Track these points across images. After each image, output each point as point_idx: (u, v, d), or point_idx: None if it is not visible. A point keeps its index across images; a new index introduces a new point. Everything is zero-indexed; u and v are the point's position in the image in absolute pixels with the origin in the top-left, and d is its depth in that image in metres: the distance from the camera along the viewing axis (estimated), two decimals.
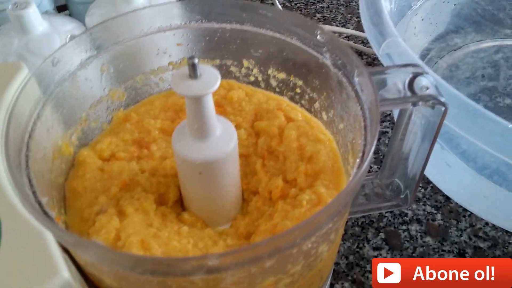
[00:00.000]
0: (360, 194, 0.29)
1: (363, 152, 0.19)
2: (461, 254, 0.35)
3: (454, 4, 0.49)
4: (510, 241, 0.35)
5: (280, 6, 0.56)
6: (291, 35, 0.26)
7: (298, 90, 0.29)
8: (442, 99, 0.22)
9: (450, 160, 0.34)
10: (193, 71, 0.19)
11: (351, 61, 0.23)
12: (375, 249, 0.35)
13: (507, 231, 0.35)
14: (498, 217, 0.35)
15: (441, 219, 0.37)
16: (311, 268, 0.20)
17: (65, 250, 0.18)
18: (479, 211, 0.36)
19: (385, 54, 0.29)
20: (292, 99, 0.29)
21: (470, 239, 0.36)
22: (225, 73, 0.30)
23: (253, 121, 0.28)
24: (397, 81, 0.23)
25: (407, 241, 0.36)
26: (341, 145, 0.26)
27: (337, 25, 0.56)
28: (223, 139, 0.21)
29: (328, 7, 0.60)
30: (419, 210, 0.38)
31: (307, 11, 0.59)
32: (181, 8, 0.27)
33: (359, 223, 0.37)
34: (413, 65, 0.24)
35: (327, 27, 0.55)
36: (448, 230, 0.36)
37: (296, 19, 0.26)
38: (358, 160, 0.20)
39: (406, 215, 0.37)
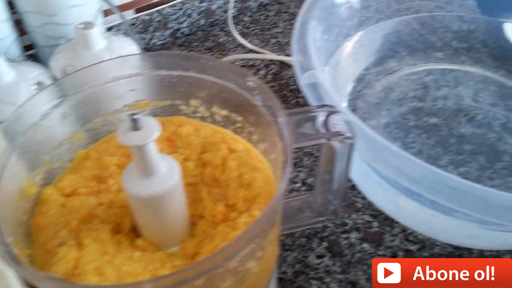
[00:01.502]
0: (298, 211, 0.34)
1: (279, 184, 0.24)
2: (393, 256, 0.40)
3: (390, 31, 0.54)
4: (436, 243, 0.40)
5: (237, 34, 0.61)
6: (228, 80, 0.30)
7: (239, 124, 0.33)
8: (349, 135, 0.27)
9: (377, 179, 0.39)
10: (134, 124, 0.23)
11: (275, 104, 0.27)
12: (318, 257, 0.40)
13: None
14: (422, 228, 0.40)
15: (377, 226, 0.42)
16: (242, 281, 0.24)
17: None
18: (405, 222, 0.41)
19: (305, 84, 0.34)
20: (235, 131, 0.34)
21: (402, 243, 0.41)
22: (175, 111, 0.34)
23: (201, 153, 0.32)
24: (315, 119, 0.28)
25: (347, 248, 0.40)
26: (274, 172, 0.30)
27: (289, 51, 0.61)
28: (167, 176, 0.25)
29: (283, 32, 0.64)
30: (358, 219, 0.42)
31: (263, 37, 0.63)
32: (136, 59, 0.31)
33: (305, 234, 0.41)
34: (329, 106, 0.28)
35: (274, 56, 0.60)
36: (383, 236, 0.41)
37: (232, 68, 0.30)
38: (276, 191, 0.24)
39: (347, 224, 0.42)
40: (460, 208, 0.29)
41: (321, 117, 0.28)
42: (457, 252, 0.39)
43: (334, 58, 0.47)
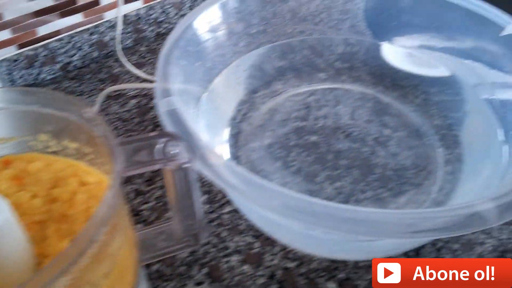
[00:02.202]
0: (158, 240, 0.34)
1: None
2: (272, 276, 0.40)
3: (276, 55, 0.56)
4: (314, 259, 0.41)
5: (129, 64, 0.60)
6: (71, 113, 0.30)
7: (91, 156, 0.32)
8: (185, 160, 0.27)
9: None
10: None
11: (109, 134, 0.27)
12: (197, 284, 0.39)
13: None
14: (299, 245, 0.41)
15: (258, 247, 0.42)
16: None
17: None
18: (284, 241, 0.42)
19: (164, 111, 0.34)
20: (90, 163, 0.33)
21: (281, 261, 0.41)
22: (26, 148, 0.33)
23: (50, 189, 0.31)
24: (152, 146, 0.28)
25: (227, 271, 0.40)
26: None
27: None
28: None
29: None
30: (240, 241, 0.43)
31: None
32: None
33: (186, 262, 0.41)
34: (168, 133, 0.29)
35: None
36: (263, 256, 0.41)
37: (71, 100, 0.30)
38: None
39: (228, 247, 0.42)
40: (322, 227, 0.29)
41: (159, 144, 0.28)
42: (333, 266, 0.41)
43: (214, 84, 0.48)
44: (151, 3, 0.66)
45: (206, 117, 0.45)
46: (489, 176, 0.41)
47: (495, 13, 0.46)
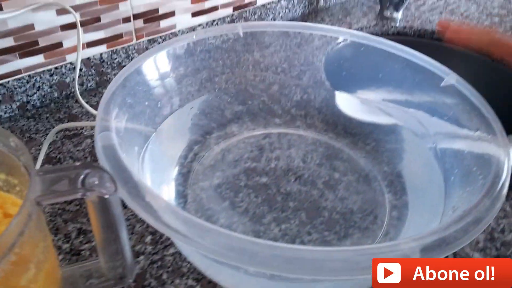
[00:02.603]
0: (85, 278, 0.32)
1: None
2: None
3: (233, 100, 0.57)
4: None
5: (87, 105, 0.61)
6: None
7: (18, 188, 0.32)
8: (103, 191, 0.27)
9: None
10: None
11: (29, 163, 0.27)
12: None
13: None
14: None
15: None
16: None
17: None
18: (226, 285, 0.40)
19: (101, 146, 0.34)
20: (18, 194, 0.32)
21: None
22: None
23: None
24: (75, 177, 0.28)
25: None
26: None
27: None
28: None
29: None
30: (181, 284, 0.41)
31: None
32: None
33: None
34: (89, 165, 0.28)
35: None
36: None
37: None
38: None
39: None
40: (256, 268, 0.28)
41: (81, 175, 0.28)
42: None
43: (164, 124, 0.48)
44: (114, 48, 0.68)
45: (153, 156, 0.45)
46: (429, 221, 0.41)
47: (434, 65, 0.49)
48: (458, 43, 0.46)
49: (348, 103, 0.58)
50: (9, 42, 0.56)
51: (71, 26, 0.61)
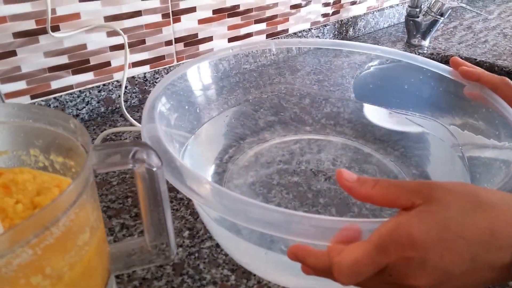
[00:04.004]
0: (130, 254, 0.35)
1: None
2: None
3: (265, 108, 0.61)
4: None
5: (132, 119, 0.66)
6: (58, 126, 0.34)
7: (74, 170, 0.35)
8: (151, 164, 0.30)
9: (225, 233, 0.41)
10: None
11: (87, 140, 0.31)
12: None
13: None
14: (275, 277, 0.41)
15: (234, 280, 0.43)
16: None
17: None
18: (260, 273, 0.42)
19: (144, 137, 0.37)
20: (72, 177, 0.36)
21: None
22: (18, 162, 0.36)
23: (34, 197, 0.34)
24: (126, 152, 0.31)
25: None
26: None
27: None
28: None
29: None
30: (216, 274, 0.43)
31: None
32: None
33: None
34: (138, 143, 0.32)
35: None
36: None
37: (58, 114, 0.34)
38: None
39: (205, 279, 0.43)
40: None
41: (131, 151, 0.31)
42: None
43: (201, 129, 0.52)
44: (157, 68, 0.73)
45: (191, 155, 0.48)
46: None
47: (457, 75, 0.50)
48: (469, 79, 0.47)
49: (376, 114, 0.61)
50: (63, 59, 0.62)
51: (119, 47, 0.67)
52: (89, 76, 0.66)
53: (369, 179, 0.28)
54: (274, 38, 0.88)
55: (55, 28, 0.60)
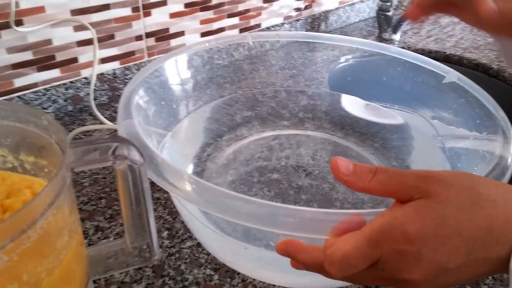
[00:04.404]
0: (111, 256, 0.33)
1: None
2: None
3: (240, 105, 0.60)
4: None
5: (102, 117, 0.63)
6: (29, 123, 0.31)
7: (46, 169, 0.33)
8: (133, 159, 0.28)
9: (214, 229, 0.40)
10: None
11: (63, 137, 0.29)
12: None
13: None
14: (260, 274, 0.40)
15: (218, 279, 0.41)
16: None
17: None
18: (245, 271, 0.41)
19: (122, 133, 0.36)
20: (44, 177, 0.34)
21: None
22: None
23: (3, 200, 0.32)
24: (106, 148, 0.29)
25: None
26: None
27: None
28: None
29: None
30: (199, 274, 0.42)
31: None
32: None
33: None
34: (118, 139, 0.30)
35: None
36: (223, 287, 0.40)
37: (28, 110, 0.31)
38: None
39: (187, 280, 0.41)
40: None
41: (111, 147, 0.29)
42: None
43: (178, 127, 0.50)
44: (127, 64, 0.70)
45: (169, 155, 0.47)
46: None
47: (435, 64, 0.51)
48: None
49: (354, 106, 0.61)
50: (27, 56, 0.59)
51: (87, 42, 0.64)
52: (55, 73, 0.63)
53: (366, 169, 0.27)
54: (250, 32, 0.87)
55: (19, 23, 0.56)
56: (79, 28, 0.62)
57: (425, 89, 0.52)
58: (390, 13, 0.95)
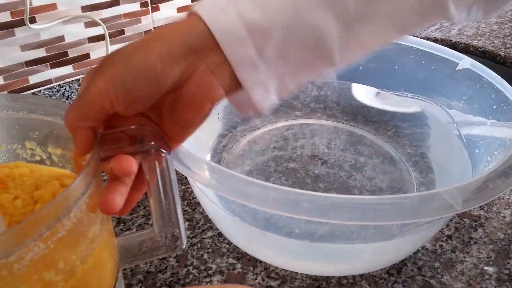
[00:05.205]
0: (139, 246, 0.34)
1: None
2: None
3: None
4: (296, 277, 0.41)
5: None
6: (55, 116, 0.32)
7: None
8: (162, 147, 0.29)
9: (237, 220, 0.40)
10: None
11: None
12: None
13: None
14: (281, 263, 0.41)
15: (241, 268, 0.42)
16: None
17: None
18: (267, 259, 0.42)
19: None
20: (72, 170, 0.34)
21: (264, 280, 0.41)
22: (13, 156, 0.34)
23: (33, 192, 0.32)
24: (134, 137, 0.30)
25: None
26: None
27: None
28: None
29: None
30: (222, 263, 0.42)
31: None
32: None
33: (167, 283, 0.40)
34: (147, 128, 0.30)
35: None
36: (246, 275, 0.41)
37: (57, 103, 0.32)
38: None
39: (210, 268, 0.42)
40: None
41: (140, 136, 0.30)
42: (316, 283, 0.40)
43: None
44: None
45: (185, 147, 0.47)
46: None
47: (448, 52, 0.51)
48: None
49: (366, 94, 0.61)
50: (41, 53, 0.60)
51: (98, 38, 0.64)
52: (68, 69, 0.63)
53: None
54: None
55: (32, 20, 0.57)
56: (90, 24, 0.63)
57: (439, 77, 0.53)
58: None
